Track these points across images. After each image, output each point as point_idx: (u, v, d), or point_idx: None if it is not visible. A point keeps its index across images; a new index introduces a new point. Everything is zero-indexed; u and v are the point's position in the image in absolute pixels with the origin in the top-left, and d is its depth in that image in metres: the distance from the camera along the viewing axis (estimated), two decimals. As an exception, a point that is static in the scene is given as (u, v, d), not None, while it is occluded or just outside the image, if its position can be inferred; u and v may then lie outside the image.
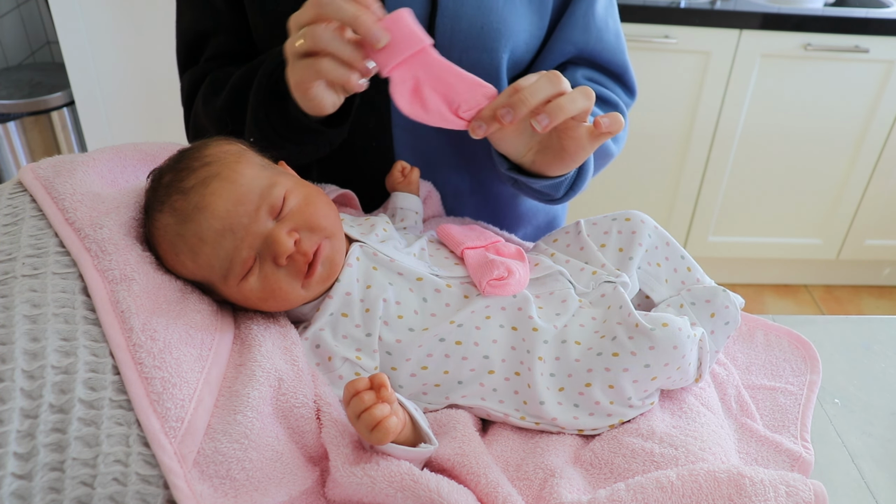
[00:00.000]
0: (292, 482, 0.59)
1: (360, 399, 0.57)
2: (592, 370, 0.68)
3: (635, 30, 2.04)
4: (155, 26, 1.97)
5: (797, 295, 2.57)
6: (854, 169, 2.30)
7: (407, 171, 0.88)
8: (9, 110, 2.10)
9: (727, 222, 2.41)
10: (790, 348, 0.87)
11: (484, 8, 0.80)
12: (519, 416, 0.70)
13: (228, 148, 0.71)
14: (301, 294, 0.68)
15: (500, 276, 0.71)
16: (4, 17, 2.25)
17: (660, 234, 0.81)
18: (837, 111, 2.19)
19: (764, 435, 0.74)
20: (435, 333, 0.69)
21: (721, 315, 0.75)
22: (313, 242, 0.68)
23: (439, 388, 0.70)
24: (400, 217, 0.86)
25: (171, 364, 0.58)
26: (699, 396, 0.74)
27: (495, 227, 0.91)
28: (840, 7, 2.22)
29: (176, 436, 0.55)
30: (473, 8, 0.80)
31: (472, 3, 0.80)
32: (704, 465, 0.61)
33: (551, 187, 0.79)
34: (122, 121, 2.11)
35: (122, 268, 0.63)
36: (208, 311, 0.67)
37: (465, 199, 0.96)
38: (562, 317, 0.72)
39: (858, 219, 2.40)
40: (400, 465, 0.57)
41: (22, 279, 0.61)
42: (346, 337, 0.69)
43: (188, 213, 0.66)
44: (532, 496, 0.62)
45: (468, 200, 0.96)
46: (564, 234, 0.83)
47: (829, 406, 0.84)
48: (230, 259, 0.66)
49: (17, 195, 0.70)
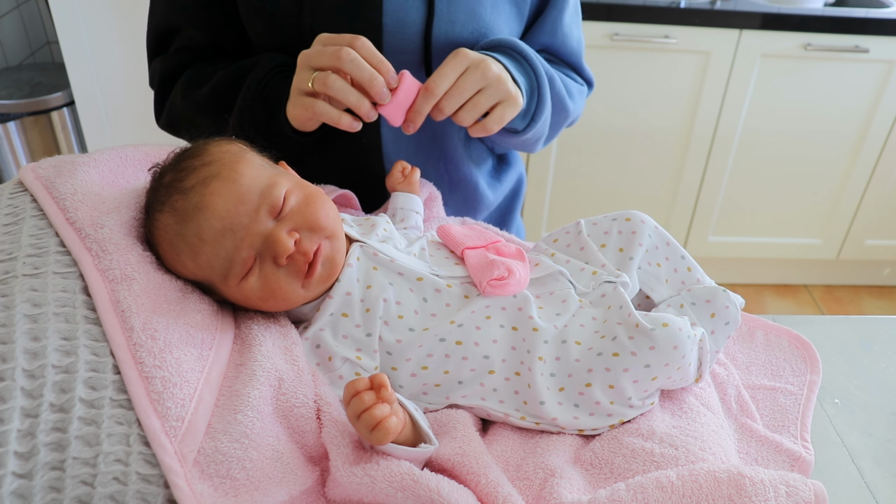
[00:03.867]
0: (292, 482, 0.59)
1: (360, 399, 0.57)
2: (593, 370, 0.68)
3: (635, 30, 2.04)
4: (155, 26, 1.97)
5: (797, 295, 2.57)
6: (854, 169, 2.30)
7: (407, 171, 0.89)
8: (9, 110, 2.10)
9: (727, 222, 2.41)
10: (790, 348, 0.87)
11: (474, 15, 0.87)
12: (519, 416, 0.70)
13: (229, 148, 0.71)
14: (301, 294, 0.68)
15: (500, 276, 0.71)
16: (4, 17, 2.25)
17: (660, 234, 0.81)
18: (837, 111, 2.19)
19: (764, 435, 0.74)
20: (435, 333, 0.69)
21: (721, 315, 0.75)
22: (313, 242, 0.68)
23: (439, 388, 0.70)
24: (400, 217, 0.86)
25: (171, 363, 0.58)
26: (699, 396, 0.74)
27: (495, 227, 0.91)
28: (840, 7, 2.22)
29: (176, 435, 0.55)
30: (465, 14, 0.86)
31: (464, 9, 0.86)
32: (704, 465, 0.61)
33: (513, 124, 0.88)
34: (122, 121, 2.11)
35: (122, 267, 0.63)
36: (209, 310, 0.67)
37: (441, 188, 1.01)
38: (562, 317, 0.72)
39: (858, 219, 2.40)
40: (400, 465, 0.57)
41: (23, 278, 0.61)
42: (346, 337, 0.69)
43: (188, 212, 0.66)
44: (532, 496, 0.62)
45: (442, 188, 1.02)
46: (565, 234, 0.83)
47: (829, 406, 0.84)
48: (230, 259, 0.66)
49: (17, 195, 0.70)
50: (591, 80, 1.03)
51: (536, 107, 0.87)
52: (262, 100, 0.82)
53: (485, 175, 1.05)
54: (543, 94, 0.87)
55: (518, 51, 0.85)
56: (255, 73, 0.83)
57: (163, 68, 0.94)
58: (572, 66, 1.01)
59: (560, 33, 0.95)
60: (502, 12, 0.89)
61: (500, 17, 0.89)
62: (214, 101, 0.87)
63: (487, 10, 0.87)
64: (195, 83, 0.90)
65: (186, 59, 0.93)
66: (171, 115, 0.94)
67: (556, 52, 0.98)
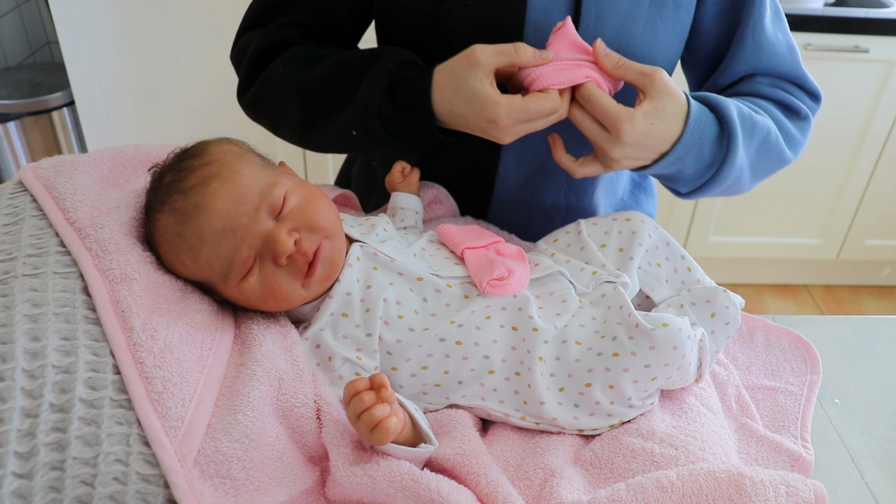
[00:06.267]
0: (292, 482, 0.59)
1: (360, 399, 0.57)
2: (593, 370, 0.68)
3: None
4: (155, 26, 1.97)
5: (797, 295, 2.57)
6: (854, 169, 2.30)
7: (407, 171, 0.89)
8: (9, 110, 2.10)
9: (727, 222, 2.41)
10: (790, 348, 0.87)
11: (623, 32, 0.80)
12: (519, 416, 0.70)
13: (229, 148, 0.71)
14: (301, 294, 0.68)
15: (500, 276, 0.71)
16: (4, 17, 2.25)
17: (660, 234, 0.81)
18: (837, 111, 2.19)
19: (764, 435, 0.74)
20: (435, 333, 0.69)
21: (721, 315, 0.75)
22: (313, 242, 0.68)
23: (439, 388, 0.70)
24: (400, 217, 0.86)
25: (171, 363, 0.58)
26: (699, 396, 0.74)
27: (495, 227, 0.91)
28: (840, 7, 2.22)
29: (176, 435, 0.55)
30: (613, 30, 0.80)
31: (612, 25, 0.80)
32: (704, 465, 0.61)
33: (667, 180, 0.83)
34: (122, 121, 2.10)
35: (122, 267, 0.63)
36: (209, 310, 0.67)
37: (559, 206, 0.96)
38: (562, 317, 0.72)
39: (858, 219, 2.40)
40: (400, 465, 0.57)
41: (23, 278, 0.61)
42: (346, 337, 0.69)
43: (188, 212, 0.66)
44: (532, 496, 0.62)
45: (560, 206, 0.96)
46: (565, 234, 0.83)
47: (829, 406, 0.84)
48: (230, 259, 0.66)
49: (17, 195, 0.70)
50: (818, 93, 0.90)
51: (710, 179, 0.80)
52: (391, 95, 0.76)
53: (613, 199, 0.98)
54: (724, 172, 0.78)
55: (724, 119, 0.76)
56: (380, 64, 0.76)
57: (263, 40, 0.85)
58: (791, 79, 0.88)
59: (765, 43, 0.85)
60: (658, 31, 0.82)
61: (655, 36, 0.81)
62: (326, 83, 0.80)
63: (640, 27, 0.80)
64: (306, 62, 0.82)
65: (294, 36, 0.85)
66: (261, 92, 0.85)
67: (766, 68, 0.87)
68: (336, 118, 0.79)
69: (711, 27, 0.86)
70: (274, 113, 0.85)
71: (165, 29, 1.97)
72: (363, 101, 0.76)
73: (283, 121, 0.84)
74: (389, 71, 0.76)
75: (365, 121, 0.76)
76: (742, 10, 0.84)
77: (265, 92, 0.84)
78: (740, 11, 0.84)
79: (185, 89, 2.06)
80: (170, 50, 2.00)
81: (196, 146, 0.72)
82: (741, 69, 0.87)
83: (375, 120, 0.76)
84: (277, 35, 0.85)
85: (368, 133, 0.77)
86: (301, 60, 0.82)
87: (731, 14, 0.85)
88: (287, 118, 0.83)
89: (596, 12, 0.79)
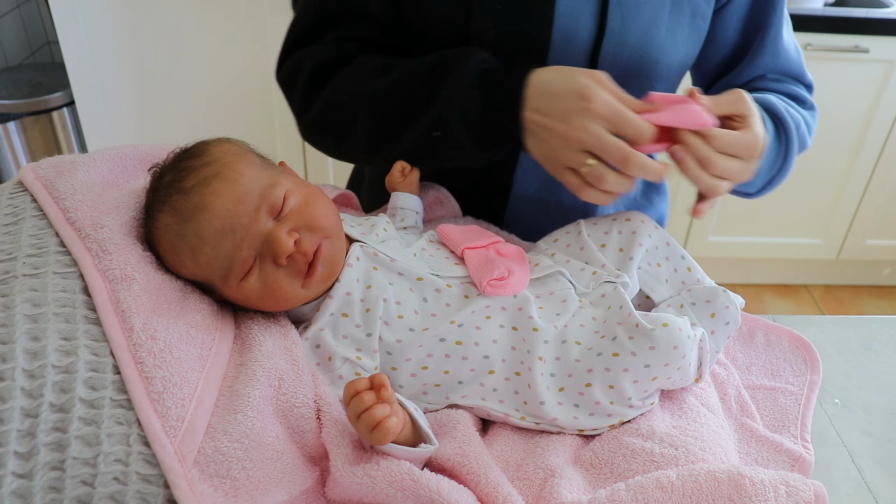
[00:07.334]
0: (292, 482, 0.59)
1: (360, 399, 0.57)
2: (593, 370, 0.68)
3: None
4: (155, 26, 1.97)
5: (797, 295, 2.57)
6: (854, 169, 2.30)
7: (406, 171, 0.88)
8: (9, 110, 2.10)
9: (727, 222, 2.41)
10: (790, 348, 0.87)
11: (647, 38, 0.81)
12: (519, 416, 0.70)
13: (229, 148, 0.71)
14: (301, 294, 0.68)
15: (500, 275, 0.71)
16: (4, 17, 2.25)
17: (660, 234, 0.81)
18: (837, 111, 2.19)
19: (764, 435, 0.74)
20: (435, 333, 0.69)
21: (721, 315, 0.75)
22: (313, 242, 0.68)
23: (439, 388, 0.70)
24: (400, 217, 0.86)
25: (171, 363, 0.58)
26: (699, 396, 0.74)
27: (496, 227, 0.91)
28: (840, 7, 2.22)
29: (176, 435, 0.55)
30: (637, 36, 0.81)
31: (637, 31, 0.81)
32: (704, 465, 0.61)
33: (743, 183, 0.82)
34: (122, 121, 2.10)
35: (122, 267, 0.63)
36: (209, 310, 0.67)
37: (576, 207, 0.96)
38: (562, 317, 0.72)
39: (858, 219, 2.40)
40: (400, 465, 0.57)
41: (22, 278, 0.61)
42: (346, 337, 0.69)
43: (188, 212, 0.66)
44: (532, 496, 0.62)
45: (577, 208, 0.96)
46: (565, 234, 0.83)
47: (829, 406, 0.84)
48: (230, 259, 0.66)
49: (17, 195, 0.70)
50: (812, 84, 0.95)
51: (776, 175, 0.85)
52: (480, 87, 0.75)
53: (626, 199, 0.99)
54: (786, 166, 0.84)
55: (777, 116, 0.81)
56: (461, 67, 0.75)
57: (321, 56, 0.83)
58: (794, 75, 0.94)
59: (782, 51, 0.90)
60: (678, 36, 0.84)
61: (675, 41, 0.84)
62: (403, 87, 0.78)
63: (662, 33, 0.82)
64: (373, 71, 0.80)
65: (352, 49, 0.84)
66: (327, 107, 0.83)
67: (779, 70, 0.92)
68: (416, 122, 0.78)
69: (731, 35, 0.89)
70: (342, 128, 0.83)
71: (165, 29, 1.97)
72: (446, 99, 0.75)
73: (352, 135, 0.82)
74: (479, 63, 0.75)
75: (447, 120, 0.75)
76: (764, 18, 0.87)
77: (332, 107, 0.83)
78: (763, 20, 0.88)
79: (185, 89, 2.06)
80: (170, 50, 2.00)
81: (196, 146, 0.72)
82: (756, 72, 0.91)
83: (458, 115, 0.75)
84: (336, 49, 0.83)
85: (449, 132, 0.75)
86: (369, 69, 0.81)
87: (753, 23, 0.88)
88: (358, 130, 0.82)
89: (622, 18, 0.80)
